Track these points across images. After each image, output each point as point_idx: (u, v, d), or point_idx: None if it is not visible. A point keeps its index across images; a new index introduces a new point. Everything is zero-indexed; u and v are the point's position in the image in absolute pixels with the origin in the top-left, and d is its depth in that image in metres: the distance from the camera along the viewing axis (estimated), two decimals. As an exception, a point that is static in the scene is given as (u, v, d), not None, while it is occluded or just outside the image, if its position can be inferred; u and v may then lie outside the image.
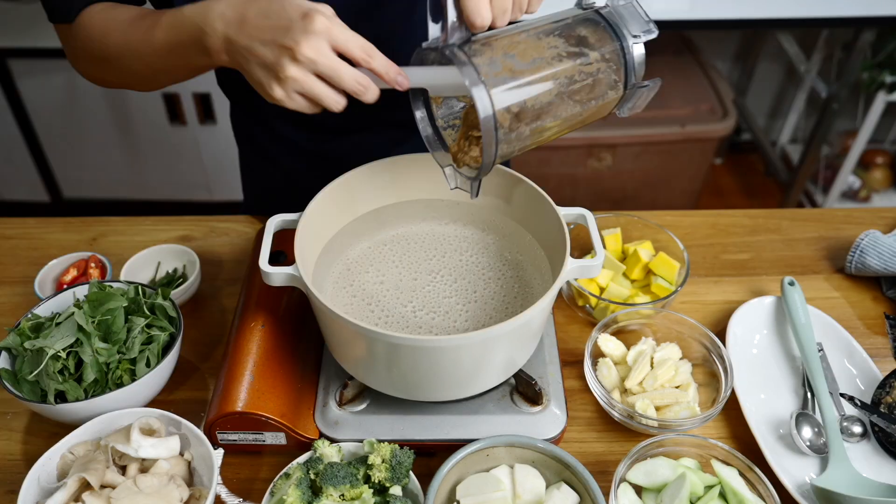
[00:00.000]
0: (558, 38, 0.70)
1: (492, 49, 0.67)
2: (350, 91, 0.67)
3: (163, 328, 0.86)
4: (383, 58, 0.67)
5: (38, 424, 0.87)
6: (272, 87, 0.66)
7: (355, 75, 0.66)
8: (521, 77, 0.67)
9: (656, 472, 0.76)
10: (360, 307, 0.83)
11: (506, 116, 0.67)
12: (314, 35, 0.63)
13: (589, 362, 0.87)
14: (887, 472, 0.82)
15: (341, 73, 0.65)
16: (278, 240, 0.85)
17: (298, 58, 0.63)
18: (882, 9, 2.04)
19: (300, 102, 0.67)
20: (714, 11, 2.04)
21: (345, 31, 0.65)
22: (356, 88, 0.67)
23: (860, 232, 1.07)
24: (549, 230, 0.85)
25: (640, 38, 0.72)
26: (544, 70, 0.68)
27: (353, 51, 0.65)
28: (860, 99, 2.57)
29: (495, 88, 0.65)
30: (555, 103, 0.70)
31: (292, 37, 0.63)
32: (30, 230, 1.15)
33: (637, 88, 0.75)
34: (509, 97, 0.66)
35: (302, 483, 0.73)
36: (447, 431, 0.81)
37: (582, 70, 0.70)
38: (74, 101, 2.39)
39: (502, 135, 0.67)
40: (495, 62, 0.66)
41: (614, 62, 0.73)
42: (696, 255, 1.12)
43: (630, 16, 0.73)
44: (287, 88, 0.66)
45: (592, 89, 0.72)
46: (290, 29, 0.64)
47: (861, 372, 0.92)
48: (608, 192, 2.46)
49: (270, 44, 0.64)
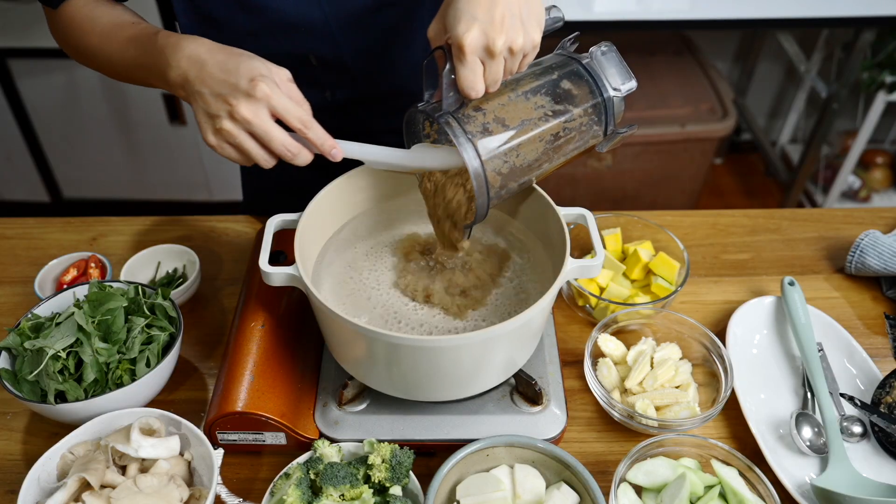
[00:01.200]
0: (544, 96, 0.74)
1: (483, 114, 0.72)
2: (278, 154, 0.73)
3: (163, 328, 0.86)
4: (319, 130, 0.73)
5: (38, 424, 0.87)
6: (208, 133, 0.72)
7: (284, 142, 0.71)
8: (511, 141, 0.72)
9: (656, 472, 0.76)
10: (360, 307, 0.83)
11: (497, 178, 0.72)
12: (254, 100, 0.69)
13: (589, 362, 0.87)
14: (887, 472, 0.82)
15: (271, 138, 0.71)
16: (278, 240, 0.85)
17: (235, 116, 0.70)
18: (882, 9, 2.04)
19: (230, 153, 0.73)
20: (714, 11, 2.04)
21: (284, 101, 0.70)
22: (283, 153, 0.72)
23: (860, 232, 1.07)
24: (549, 230, 0.85)
25: (621, 91, 0.76)
26: (532, 131, 0.73)
27: (290, 121, 0.71)
28: (860, 99, 2.57)
29: (486, 154, 0.70)
30: (541, 158, 0.75)
31: (235, 96, 0.69)
32: (30, 230, 1.15)
33: (616, 133, 0.79)
34: (499, 161, 0.71)
35: (302, 483, 0.73)
36: (447, 431, 0.81)
37: (566, 126, 0.75)
38: (74, 101, 2.39)
39: (493, 193, 0.72)
40: (488, 128, 0.71)
41: (596, 114, 0.77)
42: (696, 255, 1.12)
43: (611, 66, 0.76)
44: (220, 138, 0.72)
45: (575, 141, 0.76)
46: (236, 88, 0.69)
47: (861, 372, 0.92)
48: (608, 192, 2.46)
49: (217, 96, 0.70)
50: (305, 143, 0.73)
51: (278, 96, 0.70)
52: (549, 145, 0.74)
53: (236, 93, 0.69)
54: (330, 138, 0.73)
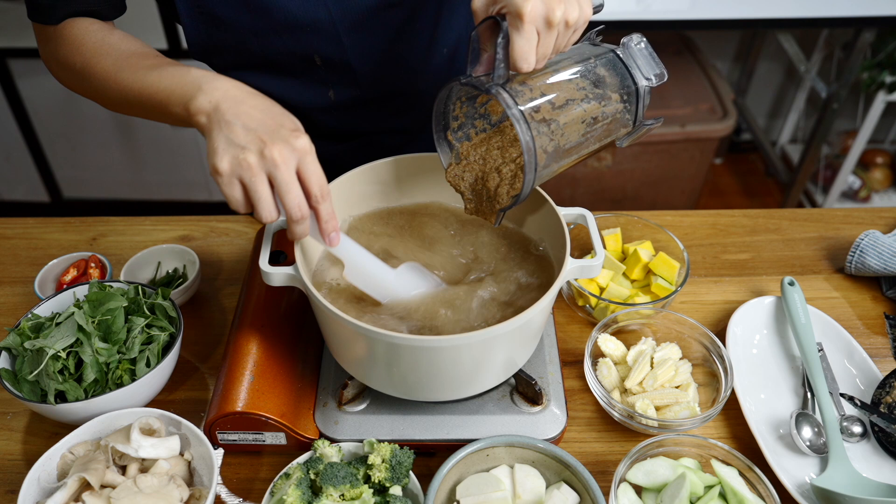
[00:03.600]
0: (584, 79, 0.74)
1: (531, 90, 0.71)
2: (287, 210, 0.68)
3: (163, 328, 0.86)
4: (331, 207, 0.71)
5: (38, 424, 0.87)
6: (223, 159, 0.66)
7: (301, 201, 0.68)
8: (558, 118, 0.71)
9: (656, 472, 0.76)
10: (360, 307, 0.83)
11: (543, 156, 0.71)
12: (291, 148, 0.66)
13: (589, 362, 0.87)
14: (887, 472, 0.82)
15: (289, 190, 0.67)
16: (278, 240, 0.85)
17: (265, 154, 0.65)
18: (882, 9, 2.04)
19: (235, 190, 0.68)
20: (714, 11, 2.04)
21: (315, 164, 0.68)
22: (294, 212, 0.68)
23: (860, 232, 1.07)
24: (549, 230, 0.85)
25: (653, 81, 0.76)
26: (576, 110, 0.72)
27: (312, 184, 0.68)
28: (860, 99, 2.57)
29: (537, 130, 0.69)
30: (581, 142, 0.75)
31: (272, 137, 0.66)
32: (30, 230, 1.15)
33: (643, 125, 0.79)
34: (547, 138, 0.71)
35: (302, 483, 0.73)
36: (447, 431, 0.81)
37: (604, 110, 0.75)
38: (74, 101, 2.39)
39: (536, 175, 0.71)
40: (535, 102, 0.70)
41: (629, 102, 0.77)
42: (696, 255, 1.12)
43: (644, 59, 0.77)
44: (236, 171, 0.66)
45: (609, 127, 0.77)
46: (276, 131, 0.67)
47: (861, 372, 0.92)
48: (608, 192, 2.46)
49: (251, 131, 0.67)
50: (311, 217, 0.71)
51: (313, 157, 0.68)
52: (589, 128, 0.74)
53: (275, 135, 0.66)
54: (335, 220, 0.72)
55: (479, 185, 0.78)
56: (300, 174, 0.68)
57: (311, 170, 0.68)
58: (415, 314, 0.80)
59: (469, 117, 0.78)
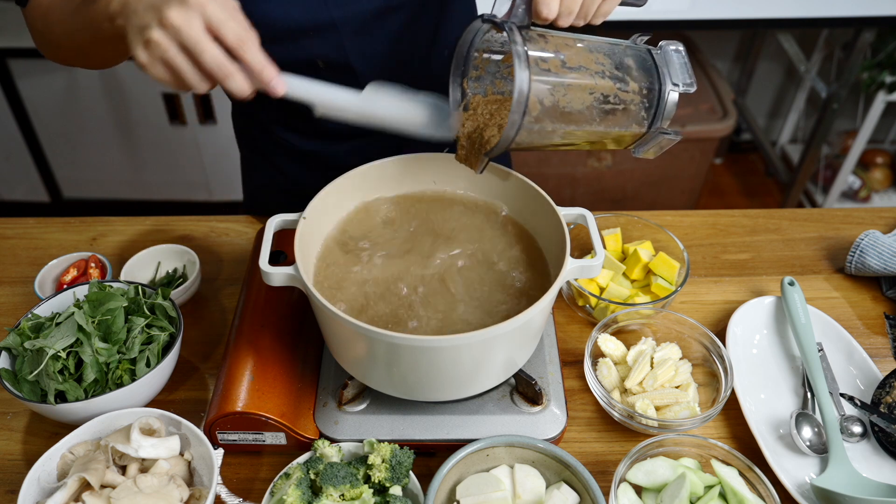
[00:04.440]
0: (608, 57, 0.74)
1: (546, 42, 0.70)
2: (210, 72, 0.63)
3: (163, 328, 0.86)
4: (259, 54, 0.64)
5: (38, 424, 0.87)
6: (138, 49, 0.63)
7: (217, 58, 0.62)
8: (564, 76, 0.70)
9: (656, 472, 0.76)
10: (361, 307, 0.83)
11: (536, 106, 0.69)
12: (187, 6, 0.61)
13: (589, 362, 0.87)
14: (887, 472, 0.82)
15: (202, 50, 0.62)
16: (278, 240, 0.85)
17: (164, 22, 0.61)
18: (882, 9, 2.04)
19: (161, 71, 0.64)
20: (714, 11, 2.04)
21: (220, 13, 0.62)
22: (215, 71, 0.63)
23: (860, 232, 1.07)
24: (549, 230, 0.85)
25: (679, 87, 0.76)
26: (586, 79, 0.72)
27: (225, 34, 0.62)
28: (860, 99, 2.57)
29: (537, 74, 0.68)
30: (584, 114, 0.73)
31: (167, 3, 0.61)
32: (30, 230, 1.15)
33: (659, 133, 0.78)
34: (545, 88, 0.69)
35: (302, 483, 0.73)
36: (447, 431, 0.81)
37: (618, 94, 0.74)
38: (74, 101, 2.39)
39: (527, 121, 0.70)
40: (546, 53, 0.69)
41: (648, 100, 0.76)
42: (696, 255, 1.12)
43: (677, 64, 0.77)
44: (151, 53, 0.63)
45: (620, 116, 0.76)
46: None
47: (861, 372, 0.92)
48: (608, 192, 2.46)
49: (150, 8, 0.62)
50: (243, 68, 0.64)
51: (214, 6, 0.62)
52: (597, 104, 0.74)
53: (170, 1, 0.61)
54: (270, 67, 0.65)
55: (476, 134, 0.78)
56: (210, 29, 0.62)
57: (218, 19, 0.62)
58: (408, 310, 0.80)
59: (490, 73, 0.78)
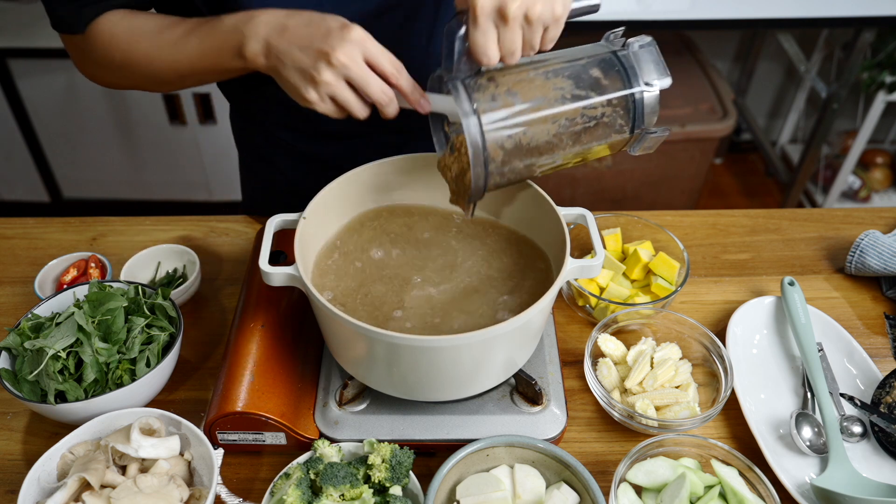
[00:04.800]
0: (567, 79, 0.72)
1: (496, 85, 0.70)
2: (375, 101, 0.71)
3: (163, 328, 0.86)
4: (410, 78, 0.72)
5: (38, 424, 0.87)
6: (307, 89, 0.70)
7: (382, 86, 0.70)
8: (520, 116, 0.70)
9: (656, 472, 0.76)
10: (360, 307, 0.83)
11: (498, 152, 0.70)
12: (350, 43, 0.68)
13: (589, 362, 0.87)
14: (887, 472, 0.82)
15: (370, 82, 0.69)
16: (278, 240, 0.85)
17: (333, 62, 0.68)
18: (882, 9, 2.04)
19: (329, 107, 0.71)
20: (714, 11, 2.04)
21: (378, 46, 0.70)
22: (381, 99, 0.71)
23: (860, 232, 1.07)
24: (549, 230, 0.85)
25: (654, 86, 0.74)
26: (545, 111, 0.71)
27: (384, 65, 0.70)
28: (860, 99, 2.57)
29: (489, 124, 0.68)
30: (553, 143, 0.73)
31: (329, 42, 0.68)
32: (30, 230, 1.15)
33: (646, 134, 0.76)
34: (502, 134, 0.69)
35: (302, 483, 0.73)
36: (447, 431, 0.81)
37: (585, 113, 0.73)
38: (74, 101, 2.39)
39: (494, 168, 0.71)
40: (496, 98, 0.69)
41: (622, 107, 0.74)
42: (696, 255, 1.12)
43: (647, 61, 0.74)
44: (321, 92, 0.70)
45: (595, 130, 0.74)
46: (328, 36, 0.68)
47: (861, 372, 0.92)
48: (608, 192, 2.46)
49: (308, 49, 0.69)
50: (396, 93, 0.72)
51: (372, 40, 0.69)
52: (563, 129, 0.72)
53: (329, 39, 0.68)
54: (419, 88, 0.72)
55: (462, 176, 0.78)
56: (368, 61, 0.69)
57: (376, 53, 0.69)
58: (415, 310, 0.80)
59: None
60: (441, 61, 0.72)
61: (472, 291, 0.84)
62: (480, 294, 0.84)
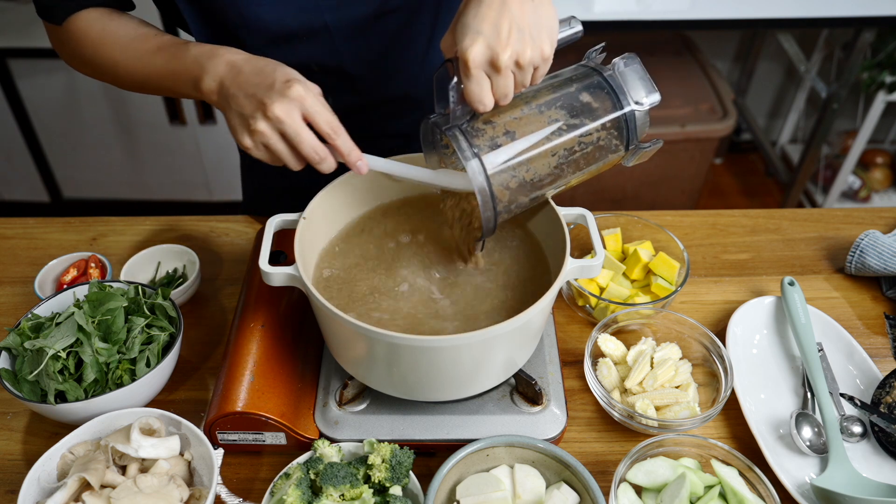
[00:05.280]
0: (560, 109, 0.73)
1: (493, 127, 0.71)
2: (306, 158, 0.73)
3: (163, 328, 0.86)
4: (348, 140, 0.73)
5: (38, 424, 0.87)
6: (243, 135, 0.72)
7: (314, 145, 0.71)
8: (521, 156, 0.71)
9: (656, 472, 0.76)
10: (360, 307, 0.83)
11: (504, 193, 0.71)
12: (288, 99, 0.69)
13: (589, 362, 0.87)
14: (887, 472, 0.82)
15: (301, 139, 0.71)
16: (278, 240, 0.85)
17: (268, 115, 0.70)
18: (882, 9, 2.04)
19: (263, 154, 0.73)
20: (714, 11, 2.04)
21: (317, 105, 0.71)
22: (311, 157, 0.72)
23: (860, 232, 1.07)
24: (549, 230, 0.85)
25: (643, 105, 0.75)
26: (544, 145, 0.72)
27: (319, 124, 0.71)
28: (860, 99, 2.57)
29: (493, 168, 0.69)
30: (555, 173, 0.74)
31: (269, 96, 0.70)
32: (30, 230, 1.15)
33: (640, 149, 0.77)
34: (506, 175, 0.71)
35: (302, 483, 0.73)
36: (447, 431, 0.81)
37: (581, 140, 0.74)
38: (74, 101, 2.39)
39: (502, 207, 0.72)
40: (495, 141, 0.70)
41: (615, 129, 0.75)
42: (696, 255, 1.12)
43: (634, 80, 0.75)
44: (255, 140, 0.72)
45: (592, 155, 0.75)
46: (270, 89, 0.70)
47: (861, 372, 0.92)
48: (608, 192, 2.46)
49: (252, 97, 0.71)
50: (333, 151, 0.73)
51: (312, 99, 0.71)
52: (563, 160, 0.74)
53: (271, 92, 0.70)
54: (357, 150, 0.74)
55: (466, 219, 0.80)
56: (307, 119, 0.71)
57: (315, 111, 0.71)
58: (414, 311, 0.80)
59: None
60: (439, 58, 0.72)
61: (473, 291, 0.84)
62: (481, 294, 0.84)
